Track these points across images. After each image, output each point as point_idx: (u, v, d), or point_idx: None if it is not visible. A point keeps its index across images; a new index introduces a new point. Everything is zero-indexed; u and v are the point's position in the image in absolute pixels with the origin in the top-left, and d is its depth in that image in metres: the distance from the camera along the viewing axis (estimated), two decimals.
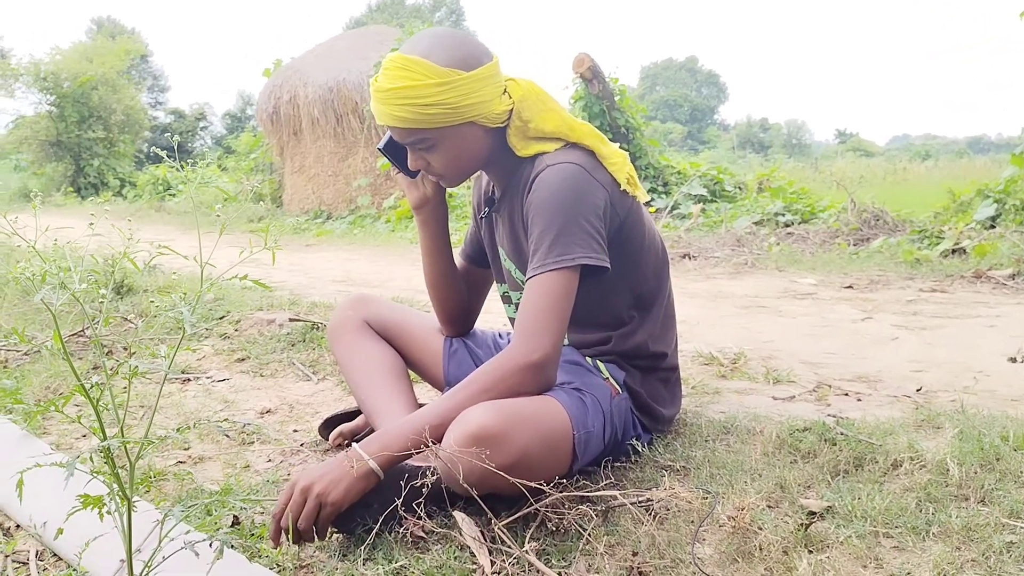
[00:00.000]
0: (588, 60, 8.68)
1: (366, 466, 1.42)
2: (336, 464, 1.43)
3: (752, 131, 56.30)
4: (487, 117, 1.62)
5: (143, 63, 41.02)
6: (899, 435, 1.75)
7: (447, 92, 1.55)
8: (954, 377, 2.49)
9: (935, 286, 4.52)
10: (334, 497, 1.39)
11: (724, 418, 2.00)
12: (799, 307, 3.99)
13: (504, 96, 1.64)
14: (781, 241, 6.64)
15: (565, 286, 1.54)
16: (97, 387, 0.96)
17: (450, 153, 1.66)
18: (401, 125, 1.60)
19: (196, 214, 11.01)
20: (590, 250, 1.55)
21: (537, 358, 1.50)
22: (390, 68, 1.58)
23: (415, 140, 1.64)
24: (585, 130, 1.68)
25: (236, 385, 2.62)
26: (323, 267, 6.16)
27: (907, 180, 15.87)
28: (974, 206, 7.23)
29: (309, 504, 1.38)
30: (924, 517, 1.42)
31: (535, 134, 1.66)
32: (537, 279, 1.54)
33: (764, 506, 1.51)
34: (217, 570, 1.18)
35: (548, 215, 1.57)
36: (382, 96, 1.59)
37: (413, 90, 1.55)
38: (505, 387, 1.49)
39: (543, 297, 1.53)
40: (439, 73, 1.54)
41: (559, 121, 1.66)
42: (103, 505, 1.04)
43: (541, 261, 1.55)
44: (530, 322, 1.52)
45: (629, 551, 1.39)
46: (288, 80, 11.32)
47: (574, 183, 1.58)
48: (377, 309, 2.03)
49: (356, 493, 1.42)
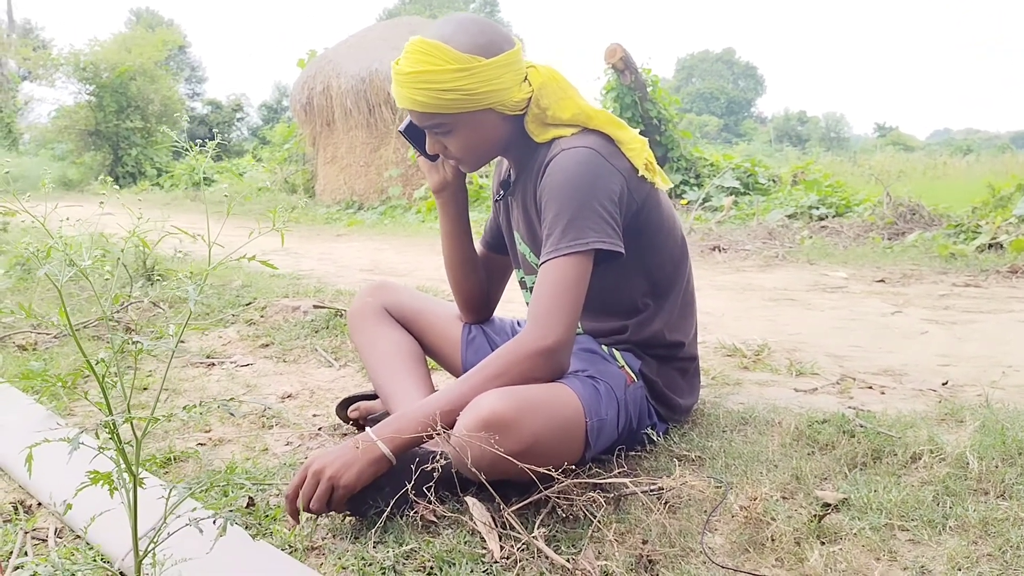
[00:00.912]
0: (620, 51, 8.63)
1: (378, 450, 1.43)
2: (349, 448, 1.44)
3: (790, 124, 55.65)
4: (505, 104, 1.62)
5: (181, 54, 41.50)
6: (919, 428, 1.73)
7: (466, 78, 1.55)
8: (982, 372, 2.44)
9: (969, 281, 4.44)
10: (346, 480, 1.40)
11: (743, 409, 1.98)
12: (828, 300, 3.94)
13: (524, 84, 1.64)
14: (814, 234, 6.56)
15: (578, 271, 1.52)
16: (103, 363, 0.97)
17: (467, 139, 1.66)
18: (419, 109, 1.60)
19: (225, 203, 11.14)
20: (604, 235, 1.53)
21: (550, 343, 1.49)
22: (411, 52, 1.58)
23: (433, 124, 1.64)
24: (603, 118, 1.66)
25: (259, 370, 2.65)
26: (352, 256, 6.20)
27: (947, 175, 15.61)
28: (1014, 201, 7.09)
29: (321, 487, 1.40)
30: (941, 510, 1.40)
31: (553, 121, 1.66)
32: (550, 264, 1.53)
33: (778, 497, 1.50)
34: (225, 549, 1.19)
35: (562, 199, 1.56)
36: (402, 79, 1.59)
37: (432, 75, 1.55)
38: (517, 372, 1.49)
39: (556, 282, 1.52)
40: (459, 59, 1.54)
41: (576, 109, 1.65)
42: (112, 481, 1.05)
43: (555, 245, 1.54)
44: (543, 307, 1.51)
45: (639, 539, 1.38)
46: (321, 71, 11.39)
47: (588, 167, 1.57)
48: (397, 296, 2.04)
49: (368, 477, 1.43)
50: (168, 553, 1.13)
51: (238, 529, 1.36)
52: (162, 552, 1.11)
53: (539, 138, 1.67)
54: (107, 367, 0.97)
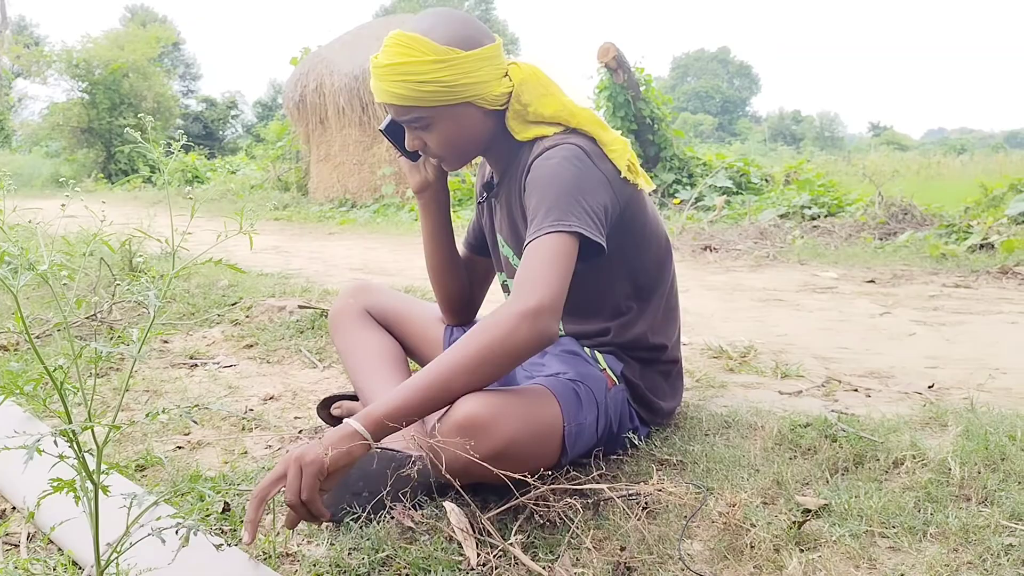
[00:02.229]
0: (613, 50, 8.62)
1: (350, 427, 1.32)
2: (316, 440, 1.33)
3: (784, 123, 55.75)
4: (485, 98, 1.60)
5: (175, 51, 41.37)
6: (902, 432, 1.71)
7: (444, 70, 1.54)
8: (969, 374, 2.43)
9: (959, 281, 4.44)
10: (311, 456, 1.27)
11: (726, 412, 1.97)
12: (817, 301, 3.93)
13: (504, 79, 1.62)
14: (806, 234, 6.55)
15: (563, 248, 1.45)
16: (60, 370, 0.95)
17: (447, 133, 1.64)
18: (397, 102, 1.58)
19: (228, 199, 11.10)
20: (586, 224, 1.49)
21: (532, 304, 1.38)
22: (390, 45, 1.57)
23: (412, 119, 1.62)
24: (586, 116, 1.64)
25: (242, 371, 2.62)
26: (343, 255, 6.17)
27: (941, 174, 15.62)
28: (1006, 200, 7.09)
29: (291, 473, 1.27)
30: (922, 517, 1.39)
31: (534, 118, 1.64)
32: (534, 242, 1.47)
33: (759, 502, 1.48)
34: (195, 557, 1.17)
35: (545, 190, 1.52)
36: (380, 72, 1.58)
37: (410, 66, 1.53)
38: (498, 337, 1.37)
39: (540, 256, 1.44)
40: (437, 51, 1.53)
41: (559, 106, 1.63)
42: (75, 489, 1.04)
43: (538, 226, 1.48)
44: (527, 276, 1.43)
45: (617, 545, 1.37)
46: (314, 68, 11.35)
47: (573, 163, 1.55)
48: (378, 297, 2.02)
49: (339, 455, 1.29)
50: (133, 563, 1.11)
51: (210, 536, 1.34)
52: (127, 562, 1.10)
53: (520, 136, 1.65)
54: (66, 373, 0.95)
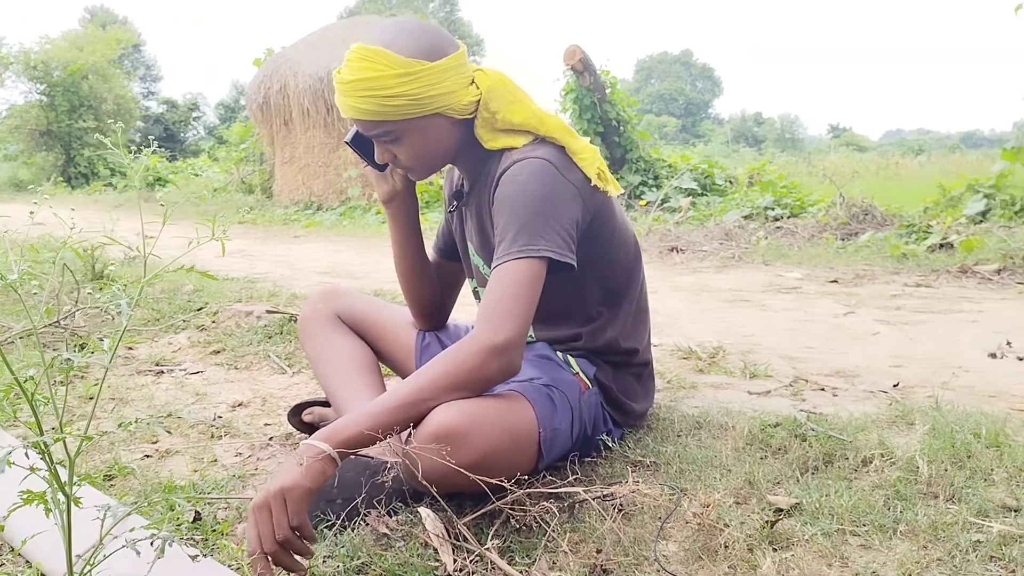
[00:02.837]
0: (579, 52, 8.65)
1: (317, 450, 1.30)
2: (285, 465, 1.31)
3: (746, 125, 56.39)
4: (453, 108, 1.58)
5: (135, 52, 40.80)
6: (870, 431, 1.74)
7: (410, 83, 1.51)
8: (932, 372, 2.47)
9: (920, 281, 4.52)
10: (292, 483, 1.24)
11: (697, 413, 1.98)
12: (782, 301, 3.98)
13: (471, 87, 1.60)
14: (769, 235, 6.63)
15: (530, 275, 1.47)
16: (32, 381, 0.93)
17: (416, 146, 1.62)
18: (364, 117, 1.56)
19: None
20: (555, 245, 1.50)
21: (500, 340, 1.41)
22: (352, 59, 1.53)
23: (380, 133, 1.60)
24: (554, 123, 1.63)
25: (210, 377, 2.59)
26: (309, 258, 6.13)
27: (900, 175, 15.87)
28: (964, 200, 7.24)
29: (275, 509, 1.24)
30: (892, 515, 1.41)
31: (503, 126, 1.62)
32: (502, 267, 1.48)
33: (731, 503, 1.50)
34: (169, 567, 1.16)
35: (514, 209, 1.52)
36: (344, 88, 1.54)
37: (375, 81, 1.50)
38: (467, 370, 1.40)
39: (507, 284, 1.46)
40: (401, 63, 1.50)
41: (527, 113, 1.62)
42: (45, 501, 1.02)
43: (506, 250, 1.49)
44: (493, 307, 1.45)
45: (593, 548, 1.37)
46: (278, 70, 11.27)
47: (542, 179, 1.54)
48: (348, 302, 2.00)
49: (315, 476, 1.27)
50: (108, 575, 1.09)
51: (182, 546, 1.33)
52: (101, 575, 1.08)
53: (489, 144, 1.64)
54: (36, 384, 0.94)
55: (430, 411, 1.38)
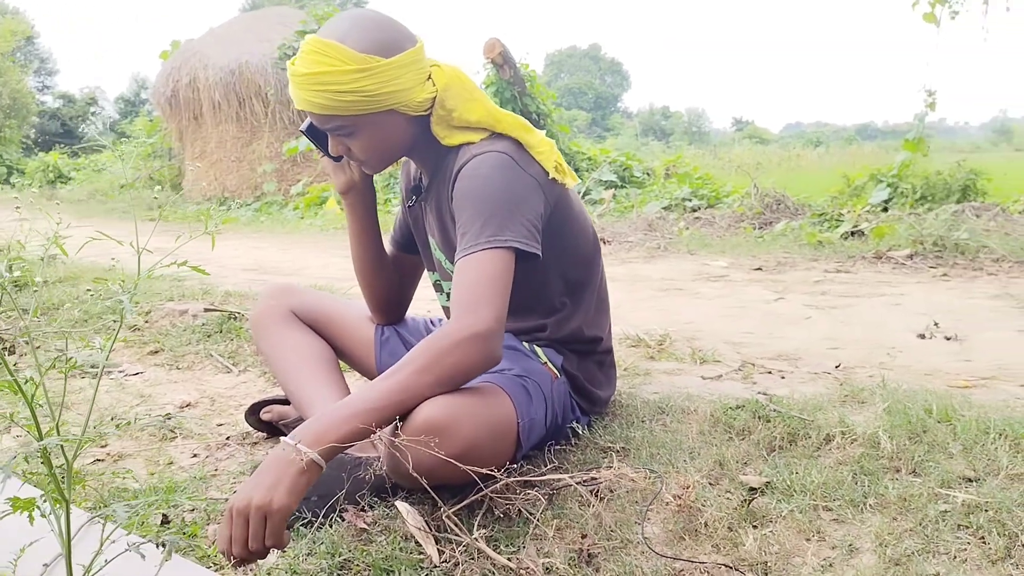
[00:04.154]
0: (499, 45, 8.66)
1: (306, 458, 1.28)
2: (267, 467, 1.28)
3: (654, 119, 57.42)
4: (408, 105, 1.56)
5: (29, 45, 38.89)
6: (828, 411, 1.80)
7: (365, 79, 1.48)
8: (868, 353, 2.58)
9: (839, 267, 4.69)
10: (278, 503, 1.23)
11: (658, 398, 2.02)
12: (713, 289, 4.08)
13: (427, 83, 1.58)
14: (690, 225, 6.78)
15: (500, 265, 1.46)
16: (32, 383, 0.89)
17: (371, 140, 1.60)
18: (318, 111, 1.53)
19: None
20: (521, 236, 1.50)
21: (481, 328, 1.39)
22: (306, 52, 1.50)
23: (334, 127, 1.58)
24: (510, 120, 1.63)
25: (151, 379, 2.51)
26: (231, 256, 5.97)
27: (801, 166, 16.41)
28: (867, 190, 7.55)
29: (253, 523, 1.22)
30: (860, 489, 1.47)
31: (459, 123, 1.60)
32: (469, 258, 1.47)
33: (705, 484, 1.53)
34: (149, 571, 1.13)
35: (477, 202, 1.51)
36: (298, 81, 1.51)
37: (329, 75, 1.48)
38: (449, 362, 1.38)
39: (479, 274, 1.45)
40: (356, 59, 1.47)
41: (483, 112, 1.61)
42: (35, 507, 0.97)
43: (472, 241, 1.48)
44: (468, 297, 1.43)
45: (578, 533, 1.39)
46: (187, 62, 10.94)
47: (502, 171, 1.54)
48: (303, 298, 1.96)
49: (300, 490, 1.27)
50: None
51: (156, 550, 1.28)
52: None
53: (446, 141, 1.62)
54: (36, 386, 0.90)
55: (414, 407, 1.37)
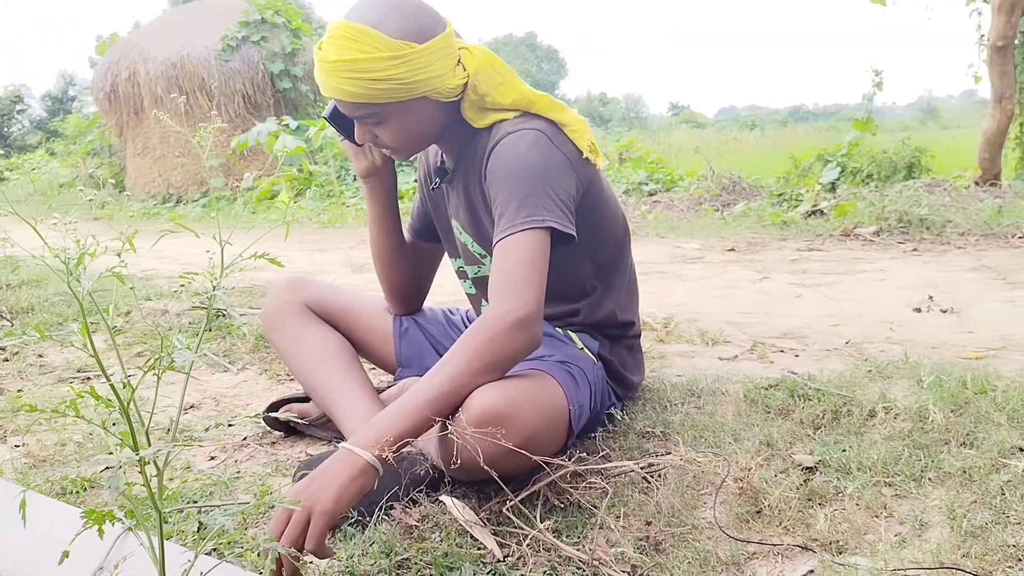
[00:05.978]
0: None
1: (360, 461, 1.24)
2: (323, 469, 1.24)
3: (592, 105, 57.70)
4: (440, 92, 1.51)
5: None
6: (864, 386, 1.80)
7: (399, 67, 1.43)
8: (871, 329, 2.60)
9: (810, 245, 4.75)
10: (323, 506, 1.18)
11: (684, 381, 2.00)
12: (694, 271, 4.09)
13: (459, 69, 1.53)
14: (652, 209, 6.80)
15: (537, 246, 1.43)
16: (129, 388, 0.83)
17: (401, 128, 1.55)
18: (348, 99, 1.48)
19: None
20: (557, 215, 1.47)
21: (523, 313, 1.37)
22: (336, 37, 1.44)
23: (364, 115, 1.52)
24: (545, 102, 1.59)
25: (145, 381, 2.40)
26: (193, 253, 5.79)
27: (738, 149, 16.63)
28: (814, 171, 7.67)
29: (294, 522, 1.17)
30: (918, 464, 1.46)
31: (492, 106, 1.57)
32: (507, 240, 1.44)
33: (762, 464, 1.52)
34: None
35: (513, 180, 1.48)
36: (327, 67, 1.45)
37: (362, 63, 1.42)
38: (496, 347, 1.36)
39: (517, 255, 1.42)
40: (390, 46, 1.42)
41: (517, 94, 1.57)
42: (110, 520, 0.91)
43: (510, 222, 1.45)
44: (507, 280, 1.41)
45: (642, 521, 1.36)
46: (126, 56, 10.57)
47: (537, 149, 1.50)
48: (317, 291, 1.89)
49: (351, 496, 1.22)
50: None
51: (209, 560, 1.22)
52: None
53: (478, 123, 1.58)
54: (133, 391, 0.83)
55: (467, 397, 1.33)
